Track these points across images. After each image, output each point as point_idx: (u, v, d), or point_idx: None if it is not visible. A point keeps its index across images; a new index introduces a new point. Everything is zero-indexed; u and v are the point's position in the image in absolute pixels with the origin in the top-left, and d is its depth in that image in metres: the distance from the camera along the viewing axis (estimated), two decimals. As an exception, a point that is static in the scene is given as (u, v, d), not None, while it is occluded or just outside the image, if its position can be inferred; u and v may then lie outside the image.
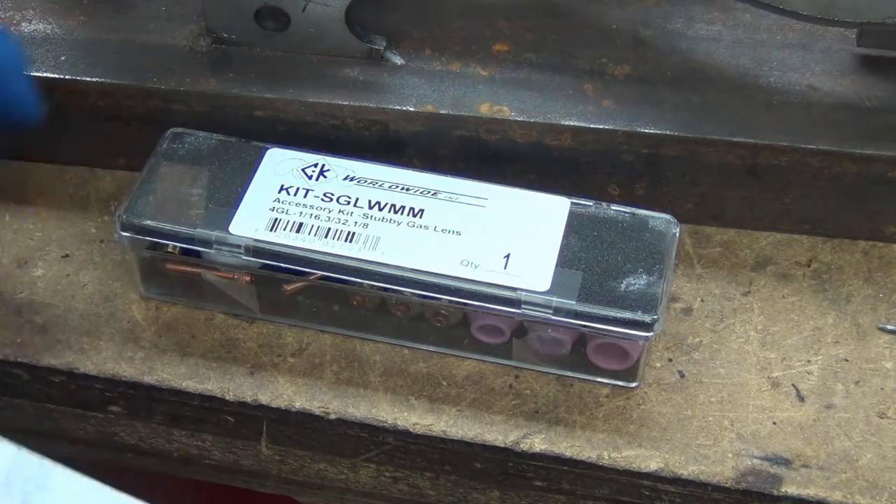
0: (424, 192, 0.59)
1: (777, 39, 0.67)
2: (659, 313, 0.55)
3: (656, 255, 0.57)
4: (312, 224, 0.58)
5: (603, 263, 0.57)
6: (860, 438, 0.57)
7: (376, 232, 0.57)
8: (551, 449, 0.57)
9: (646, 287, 0.56)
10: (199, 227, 0.58)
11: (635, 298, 0.56)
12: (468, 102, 0.63)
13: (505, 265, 0.56)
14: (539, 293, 0.56)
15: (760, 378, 0.59)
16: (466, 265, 0.56)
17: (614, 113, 0.63)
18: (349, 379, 0.59)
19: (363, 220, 0.58)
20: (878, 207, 0.64)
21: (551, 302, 0.55)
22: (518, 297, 0.56)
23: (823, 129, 0.62)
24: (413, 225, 0.58)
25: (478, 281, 0.56)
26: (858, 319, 0.62)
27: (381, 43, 0.66)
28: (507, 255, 0.57)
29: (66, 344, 0.61)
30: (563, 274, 0.56)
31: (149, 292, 0.62)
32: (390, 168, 0.61)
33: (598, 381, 0.59)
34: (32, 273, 0.64)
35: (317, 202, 0.59)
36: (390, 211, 0.58)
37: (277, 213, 0.58)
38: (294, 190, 0.59)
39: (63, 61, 0.66)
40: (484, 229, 0.58)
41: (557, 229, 0.58)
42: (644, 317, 0.55)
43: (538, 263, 0.57)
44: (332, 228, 0.58)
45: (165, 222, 0.58)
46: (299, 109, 0.64)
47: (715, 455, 0.57)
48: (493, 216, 0.59)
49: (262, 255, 0.58)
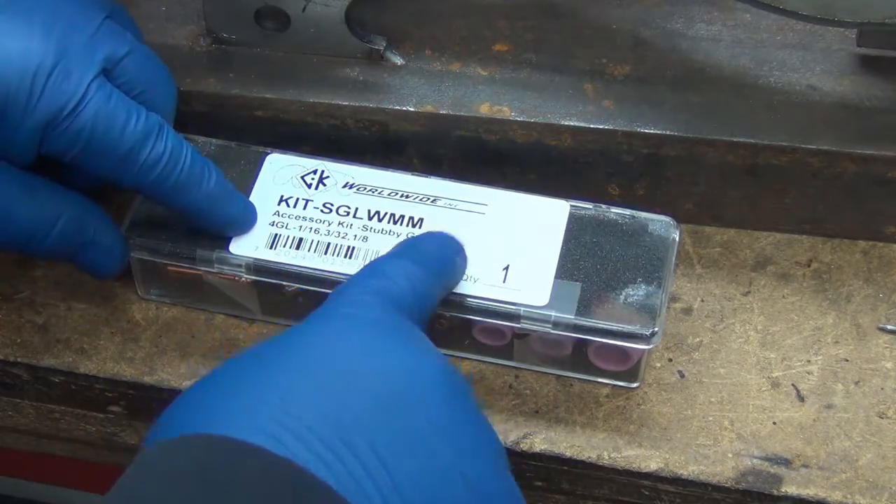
0: (424, 199, 0.59)
1: (777, 39, 0.67)
2: (657, 325, 0.55)
3: (656, 263, 0.57)
4: (312, 239, 0.58)
5: (602, 273, 0.57)
6: (860, 438, 0.57)
7: (375, 246, 0.58)
8: (551, 449, 0.57)
9: (644, 298, 0.56)
10: (199, 247, 0.58)
11: (634, 310, 0.56)
12: (468, 102, 0.63)
13: (504, 278, 0.57)
14: (537, 308, 0.56)
15: (760, 378, 0.59)
16: (465, 279, 0.56)
17: (614, 113, 0.63)
18: (349, 379, 0.59)
19: (362, 234, 0.58)
20: (878, 207, 0.64)
21: (550, 317, 0.56)
22: (517, 312, 0.56)
23: (823, 129, 0.62)
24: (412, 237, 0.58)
25: (477, 297, 0.56)
26: (858, 319, 0.62)
27: (381, 43, 0.66)
28: (507, 266, 0.57)
29: (66, 344, 0.61)
30: (561, 286, 0.57)
31: (149, 294, 0.62)
32: (389, 173, 0.61)
33: (599, 381, 0.59)
34: (32, 273, 0.64)
35: (316, 214, 0.59)
36: (389, 221, 0.59)
37: (277, 228, 0.58)
38: (294, 201, 0.59)
39: (63, 61, 0.66)
40: (483, 239, 0.58)
41: (557, 237, 0.58)
42: (643, 330, 0.55)
43: (537, 275, 0.57)
44: (331, 244, 0.58)
45: (166, 243, 0.59)
46: (299, 109, 0.64)
47: (715, 455, 0.57)
48: (493, 224, 0.59)
49: (263, 273, 0.58)
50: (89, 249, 0.57)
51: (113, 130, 0.53)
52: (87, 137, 0.53)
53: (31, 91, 0.51)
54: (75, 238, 0.56)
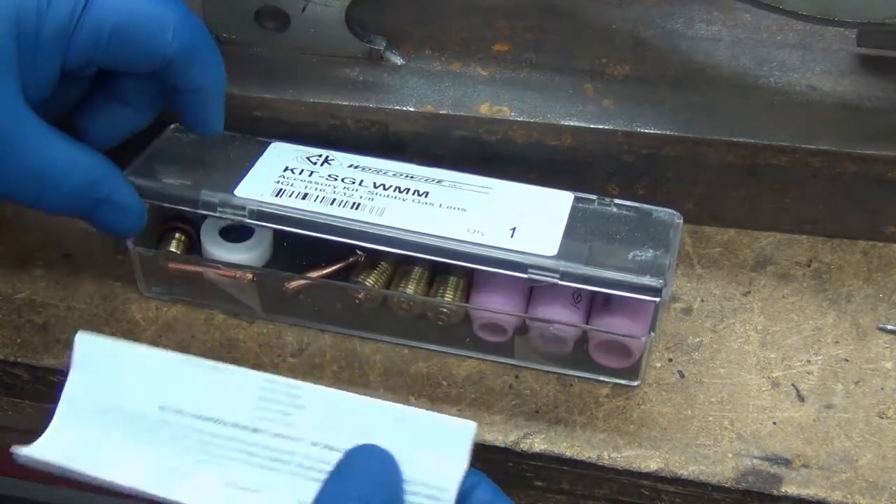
0: (429, 180, 0.59)
1: (777, 39, 0.67)
2: (666, 280, 0.55)
3: (662, 238, 0.57)
4: (318, 194, 0.58)
5: (609, 240, 0.57)
6: (860, 438, 0.57)
7: (382, 204, 0.57)
8: (551, 449, 0.57)
9: (653, 259, 0.56)
10: (203, 189, 0.58)
11: (643, 266, 0.55)
12: (468, 102, 0.63)
13: (511, 235, 0.56)
14: (546, 257, 0.55)
15: (760, 378, 0.59)
16: (472, 233, 0.56)
17: (614, 113, 0.63)
18: (349, 379, 0.59)
19: (368, 195, 0.58)
20: (878, 207, 0.64)
21: (559, 266, 0.55)
22: (525, 261, 0.55)
23: (823, 129, 0.62)
24: (418, 202, 0.58)
25: (484, 245, 0.56)
26: (858, 319, 0.62)
27: (381, 43, 0.66)
28: (514, 227, 0.57)
29: (66, 344, 0.61)
30: (570, 244, 0.56)
31: (150, 291, 0.62)
32: (394, 161, 0.61)
33: (600, 379, 0.59)
34: (32, 273, 0.64)
35: (321, 180, 0.59)
36: (395, 191, 0.59)
37: (282, 185, 0.58)
38: (299, 170, 0.59)
39: (63, 61, 0.66)
40: (488, 208, 0.58)
41: (562, 215, 0.58)
42: (652, 281, 0.55)
43: (545, 234, 0.56)
44: (337, 199, 0.58)
45: (170, 185, 0.59)
46: (299, 109, 0.64)
47: (715, 455, 0.57)
48: (498, 200, 0.59)
49: (268, 218, 0.57)
50: (105, 208, 0.56)
51: (131, 15, 0.53)
52: (110, 29, 0.53)
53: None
54: (89, 193, 0.55)
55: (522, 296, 0.59)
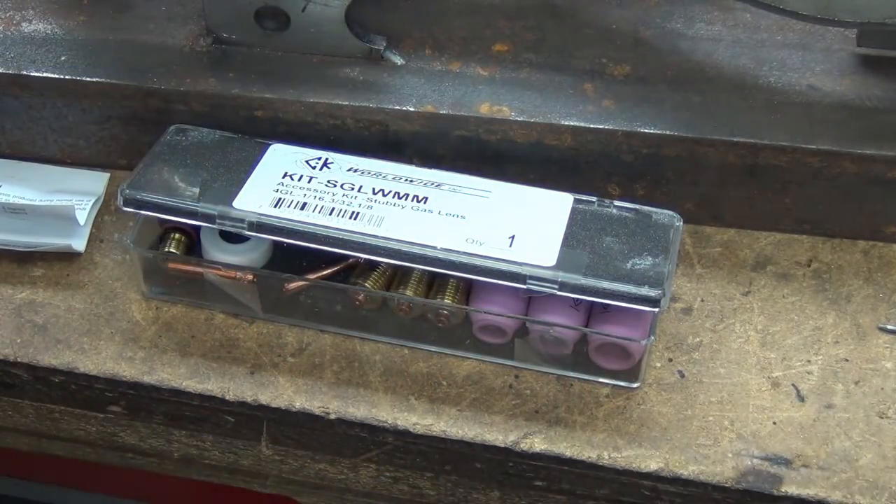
0: (428, 184, 0.59)
1: (777, 39, 0.67)
2: (665, 290, 0.55)
3: (661, 243, 0.57)
4: (317, 203, 0.58)
5: (608, 248, 0.57)
6: (860, 438, 0.57)
7: (381, 213, 0.58)
8: (551, 449, 0.57)
9: (651, 266, 0.56)
10: (202, 201, 0.58)
11: (641, 276, 0.55)
12: (468, 102, 0.63)
13: (510, 244, 0.56)
14: (545, 268, 0.55)
15: (760, 378, 0.59)
16: (471, 243, 0.56)
17: (614, 113, 0.63)
18: (349, 379, 0.59)
19: (367, 203, 0.58)
20: (878, 207, 0.64)
21: (557, 277, 0.55)
22: (524, 272, 0.56)
23: (823, 129, 0.62)
24: (417, 209, 0.58)
25: (483, 256, 0.56)
26: (858, 319, 0.62)
27: (381, 43, 0.66)
28: (512, 236, 0.57)
29: (66, 344, 0.61)
30: (568, 253, 0.56)
31: (151, 292, 0.62)
32: (393, 164, 0.61)
33: (599, 381, 0.59)
34: (32, 273, 0.64)
35: (321, 187, 0.59)
36: (394, 197, 0.59)
37: (281, 194, 0.58)
38: (298, 176, 0.59)
39: (63, 61, 0.66)
40: (487, 214, 0.58)
41: (561, 219, 0.58)
42: (651, 292, 0.55)
43: (544, 243, 0.57)
44: (336, 208, 0.58)
45: (168, 198, 0.58)
46: (299, 109, 0.64)
47: (715, 455, 0.57)
48: (497, 204, 0.59)
49: (267, 230, 0.58)
50: None
51: None
52: None
53: None
54: None
55: (522, 299, 0.59)
